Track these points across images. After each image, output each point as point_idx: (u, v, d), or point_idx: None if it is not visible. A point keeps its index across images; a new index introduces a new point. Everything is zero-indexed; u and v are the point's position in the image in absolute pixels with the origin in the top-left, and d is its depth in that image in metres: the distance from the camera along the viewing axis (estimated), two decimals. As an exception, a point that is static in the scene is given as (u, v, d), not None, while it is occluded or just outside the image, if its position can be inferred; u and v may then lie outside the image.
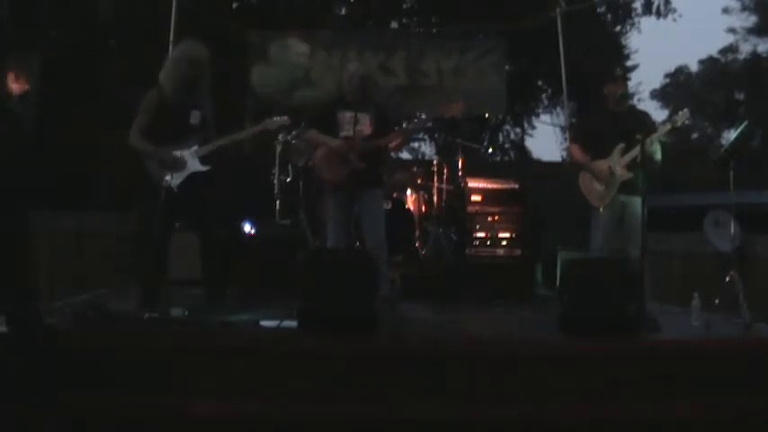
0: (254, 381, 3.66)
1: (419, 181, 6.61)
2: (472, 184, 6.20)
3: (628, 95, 5.39)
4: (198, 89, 4.49)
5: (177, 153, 4.44)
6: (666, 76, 28.51)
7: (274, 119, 4.75)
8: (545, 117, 16.67)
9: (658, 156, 4.92)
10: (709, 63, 26.63)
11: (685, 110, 4.92)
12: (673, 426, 3.71)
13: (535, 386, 3.71)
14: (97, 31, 10.67)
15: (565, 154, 12.36)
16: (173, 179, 4.38)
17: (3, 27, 8.98)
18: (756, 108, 21.51)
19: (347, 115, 4.87)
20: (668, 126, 4.86)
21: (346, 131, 4.87)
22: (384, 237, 4.94)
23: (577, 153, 5.25)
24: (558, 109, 15.64)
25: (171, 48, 7.22)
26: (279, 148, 6.14)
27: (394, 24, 14.53)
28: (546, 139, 15.78)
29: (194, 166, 4.48)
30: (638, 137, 4.58)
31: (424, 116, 5.02)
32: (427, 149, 16.58)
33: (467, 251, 6.02)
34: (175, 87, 4.44)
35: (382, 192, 5.21)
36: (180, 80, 4.44)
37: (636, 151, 4.73)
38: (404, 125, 5.01)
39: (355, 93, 4.93)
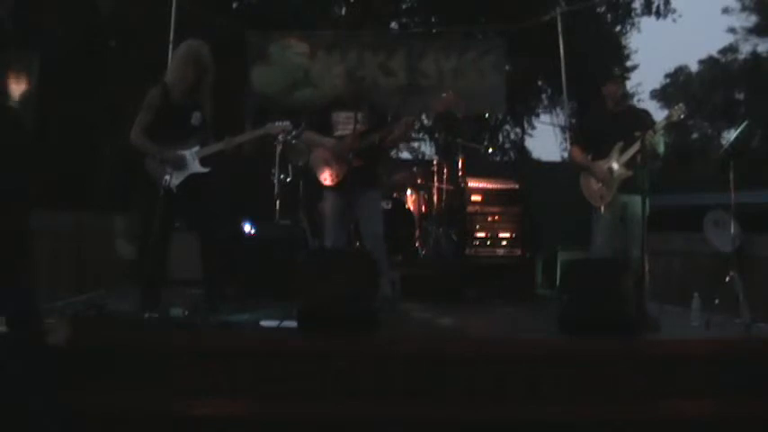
0: (254, 381, 3.66)
1: (419, 181, 6.61)
2: (472, 184, 6.21)
3: (627, 95, 5.39)
4: (201, 90, 4.50)
5: (179, 153, 4.44)
6: (666, 76, 28.49)
7: (276, 123, 4.74)
8: (545, 117, 16.70)
9: (661, 148, 4.90)
10: (709, 63, 26.59)
11: (681, 104, 4.91)
12: (673, 426, 3.71)
13: (535, 386, 3.71)
14: (97, 31, 10.66)
15: (565, 154, 12.37)
16: (172, 179, 4.37)
17: (3, 27, 8.98)
18: (756, 108, 21.47)
19: (341, 115, 4.89)
20: (664, 122, 4.86)
21: (341, 131, 4.88)
22: (382, 237, 4.93)
23: (578, 154, 5.26)
24: (558, 109, 15.65)
25: (171, 48, 7.23)
26: (279, 149, 6.14)
27: (394, 24, 14.54)
28: (546, 139, 15.84)
29: (194, 167, 4.47)
30: (637, 134, 4.59)
31: (423, 116, 5.04)
32: (427, 149, 16.59)
33: (467, 251, 6.03)
34: (180, 88, 4.45)
35: (379, 192, 5.20)
36: (185, 81, 4.44)
37: (634, 148, 4.73)
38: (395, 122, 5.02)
39: (346, 92, 4.95)
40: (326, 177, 4.93)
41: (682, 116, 4.81)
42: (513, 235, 6.03)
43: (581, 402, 3.69)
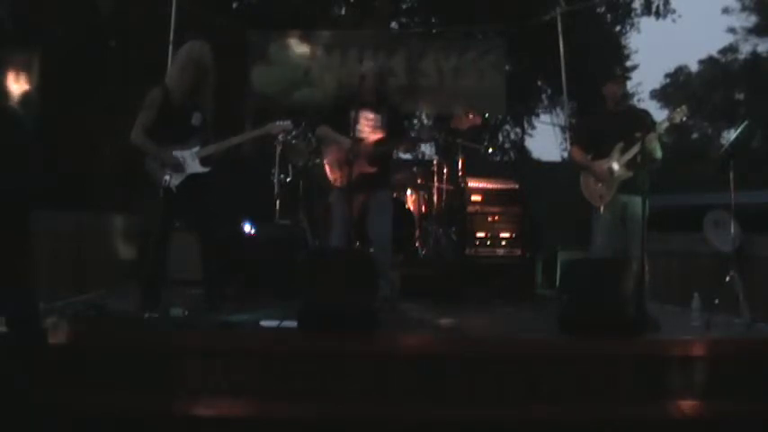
0: (254, 381, 3.67)
1: (419, 181, 6.61)
2: (472, 184, 6.21)
3: (627, 95, 5.38)
4: (201, 91, 4.50)
5: (178, 154, 4.44)
6: (666, 76, 28.51)
7: (277, 123, 4.73)
8: (545, 117, 16.68)
9: (658, 153, 4.92)
10: (709, 63, 26.59)
11: (683, 106, 4.91)
12: (673, 426, 3.71)
13: (535, 386, 3.72)
14: (97, 31, 10.66)
15: (565, 154, 12.37)
16: (172, 179, 4.37)
17: (3, 27, 8.98)
18: (756, 108, 21.48)
19: (360, 115, 4.87)
20: (666, 123, 4.86)
21: (358, 132, 4.87)
22: (390, 239, 4.94)
23: (578, 154, 5.25)
24: (558, 109, 15.63)
25: (171, 48, 7.23)
26: (279, 149, 6.14)
27: (394, 24, 14.53)
28: (546, 139, 15.72)
29: (194, 167, 4.47)
30: (638, 135, 4.59)
31: (430, 124, 5.06)
32: (427, 149, 16.57)
33: (467, 251, 6.02)
34: (181, 89, 4.45)
35: (389, 194, 5.20)
36: (186, 82, 4.44)
37: (635, 149, 4.73)
38: (412, 134, 5.06)
39: (368, 93, 4.94)
40: (336, 177, 4.92)
41: (684, 118, 4.80)
42: (513, 235, 6.02)
43: (581, 402, 3.69)
